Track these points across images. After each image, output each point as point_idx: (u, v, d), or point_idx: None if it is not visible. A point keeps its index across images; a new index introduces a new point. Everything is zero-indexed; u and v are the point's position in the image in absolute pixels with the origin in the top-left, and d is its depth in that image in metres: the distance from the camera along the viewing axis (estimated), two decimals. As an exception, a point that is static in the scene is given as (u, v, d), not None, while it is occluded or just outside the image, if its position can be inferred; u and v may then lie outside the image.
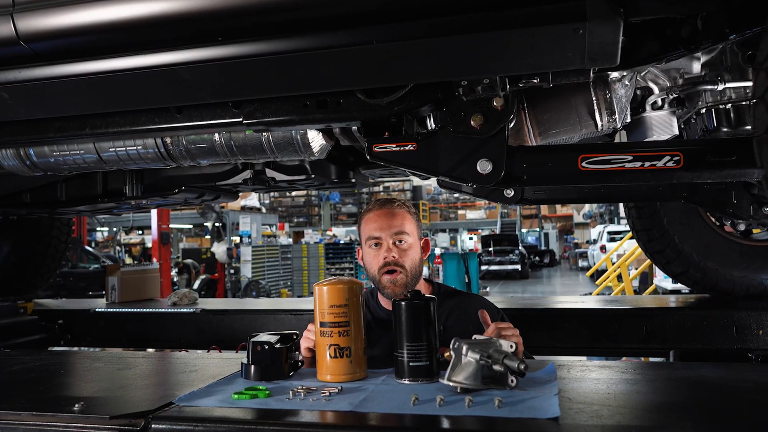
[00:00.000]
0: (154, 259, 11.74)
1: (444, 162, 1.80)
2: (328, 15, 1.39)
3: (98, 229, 20.87)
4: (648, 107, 2.08)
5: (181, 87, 1.60)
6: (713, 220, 3.01)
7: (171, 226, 14.19)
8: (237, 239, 16.92)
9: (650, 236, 3.06)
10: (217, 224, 16.86)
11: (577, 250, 27.85)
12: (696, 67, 1.94)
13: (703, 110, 1.97)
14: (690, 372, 1.47)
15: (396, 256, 1.84)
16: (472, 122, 1.74)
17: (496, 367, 1.34)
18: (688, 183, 2.20)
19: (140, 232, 22.98)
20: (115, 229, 18.42)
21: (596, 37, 1.30)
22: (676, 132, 2.10)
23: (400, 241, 1.87)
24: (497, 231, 27.53)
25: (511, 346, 1.38)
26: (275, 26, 1.46)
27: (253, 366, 1.53)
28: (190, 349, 3.07)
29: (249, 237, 15.96)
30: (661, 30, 1.63)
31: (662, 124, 2.08)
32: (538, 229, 29.73)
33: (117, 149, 2.28)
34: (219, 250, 15.78)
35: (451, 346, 1.38)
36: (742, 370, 1.55)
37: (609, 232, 19.71)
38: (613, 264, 7.41)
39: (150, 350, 3.39)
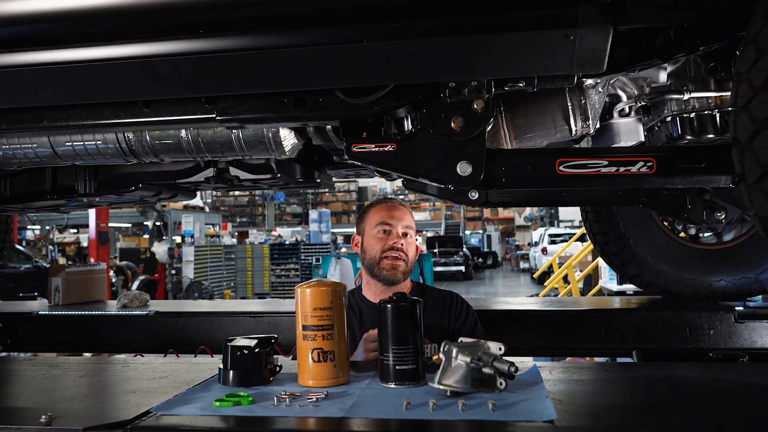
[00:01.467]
0: (92, 259, 11.25)
1: (423, 163, 1.79)
2: (318, 9, 1.35)
3: (29, 227, 19.81)
4: (616, 114, 2.14)
5: (158, 80, 1.52)
6: (666, 224, 3.14)
7: (109, 225, 13.65)
8: (178, 239, 16.46)
9: (607, 239, 3.15)
10: (158, 223, 16.33)
11: (518, 252, 28.53)
12: (662, 77, 2.00)
13: (668, 118, 2.04)
14: (670, 372, 1.51)
15: (403, 244, 1.97)
16: (452, 124, 1.74)
17: (486, 370, 1.34)
18: (647, 188, 2.28)
19: (75, 230, 21.98)
20: (48, 227, 17.53)
21: (586, 43, 1.32)
22: (642, 138, 2.17)
23: (407, 234, 2.01)
24: (441, 233, 27.86)
25: (500, 348, 1.38)
26: (260, 20, 1.42)
27: (231, 371, 1.47)
28: (145, 354, 2.94)
29: (192, 237, 15.53)
30: (637, 39, 1.67)
31: (629, 131, 2.14)
32: (481, 231, 30.26)
33: (74, 143, 2.16)
34: (160, 250, 15.31)
35: (441, 349, 1.37)
36: (716, 370, 1.61)
37: (550, 235, 20.27)
38: (560, 266, 7.62)
39: (105, 355, 3.23)
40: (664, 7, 1.35)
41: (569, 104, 1.86)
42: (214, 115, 1.79)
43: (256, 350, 1.49)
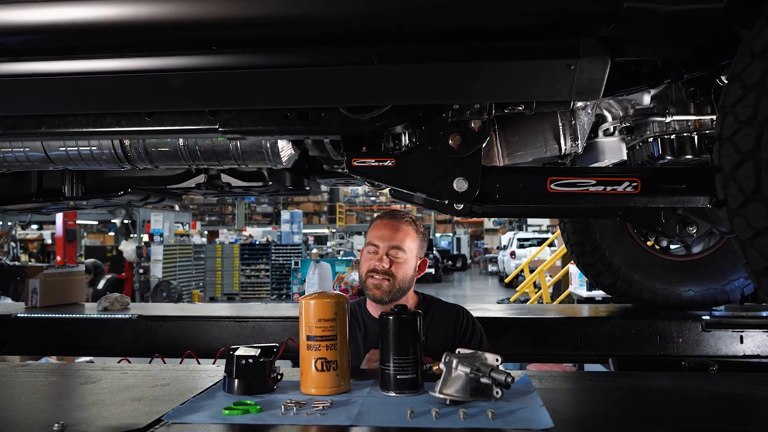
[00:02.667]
0: (58, 257, 11.01)
1: (421, 179, 1.85)
2: (339, 32, 1.41)
3: (-11, 223, 19.23)
4: (601, 133, 2.25)
5: (168, 93, 1.56)
6: (638, 236, 3.27)
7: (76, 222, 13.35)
8: (146, 237, 16.20)
9: (583, 250, 3.26)
10: (126, 221, 16.06)
11: (486, 255, 28.87)
12: (646, 100, 2.11)
13: (650, 139, 2.15)
14: (651, 382, 1.60)
15: (386, 267, 1.94)
16: (450, 141, 1.81)
17: (484, 380, 1.41)
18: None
19: (37, 227, 21.43)
20: (10, 223, 17.05)
21: (585, 73, 1.41)
22: (625, 157, 2.27)
23: (396, 255, 1.97)
24: (412, 235, 27.96)
25: (497, 360, 1.45)
26: (274, 39, 1.46)
27: (237, 380, 1.51)
28: (129, 358, 2.93)
29: (161, 235, 15.32)
30: (626, 66, 1.77)
31: (613, 150, 2.25)
32: (451, 234, 30.55)
33: (68, 148, 2.17)
34: (127, 248, 15.04)
35: (442, 360, 1.44)
36: (693, 380, 1.71)
37: (519, 239, 20.59)
38: (531, 272, 7.79)
39: (70, 359, 3.20)
40: (658, 44, 1.44)
41: (560, 124, 1.94)
42: (217, 127, 1.83)
43: (261, 359, 1.53)
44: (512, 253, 19.67)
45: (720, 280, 3.14)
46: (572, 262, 6.54)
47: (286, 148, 2.15)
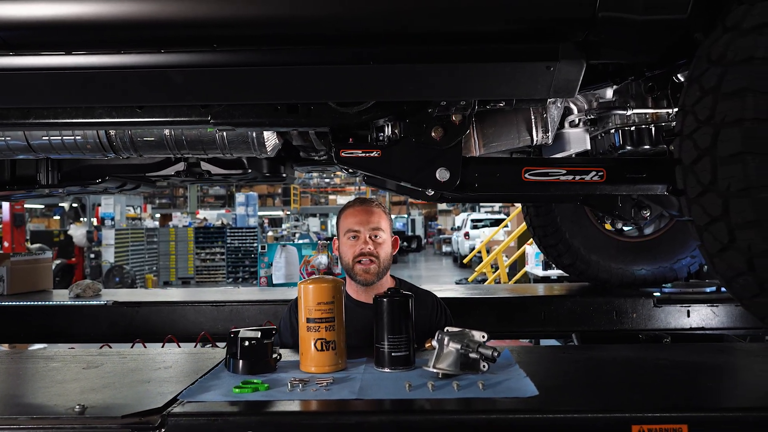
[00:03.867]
0: (5, 243, 10.63)
1: (406, 169, 1.97)
2: (333, 33, 1.50)
3: (-75, 207, 18.26)
4: (567, 124, 2.40)
5: (168, 89, 1.61)
6: (596, 219, 3.48)
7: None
8: (96, 221, 15.78)
9: (545, 232, 3.46)
10: (74, 204, 15.58)
11: (441, 236, 29.33)
12: (609, 94, 2.27)
13: (612, 130, 2.32)
14: (615, 353, 1.78)
15: (372, 249, 2.02)
16: (433, 134, 1.92)
17: (472, 355, 1.55)
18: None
19: (-23, 211, 20.48)
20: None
21: (563, 74, 1.55)
22: (588, 147, 2.44)
23: (376, 236, 2.05)
24: (367, 217, 28.08)
25: (483, 336, 1.59)
26: (277, 38, 1.54)
27: (241, 361, 1.61)
28: (103, 344, 2.96)
29: (112, 219, 14.95)
30: (594, 65, 1.91)
31: (578, 140, 2.41)
32: (406, 216, 30.87)
33: (51, 137, 2.18)
34: (77, 232, 14.66)
35: (435, 337, 1.57)
36: (653, 350, 1.90)
37: (472, 220, 21.01)
38: (488, 253, 8.06)
39: (24, 346, 3.19)
40: (629, 48, 1.59)
41: (533, 117, 2.08)
42: (209, 118, 1.89)
43: (264, 341, 1.63)
44: (466, 234, 20.08)
45: (669, 259, 3.39)
46: (529, 242, 6.82)
47: (271, 138, 2.22)
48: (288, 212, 27.31)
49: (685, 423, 1.20)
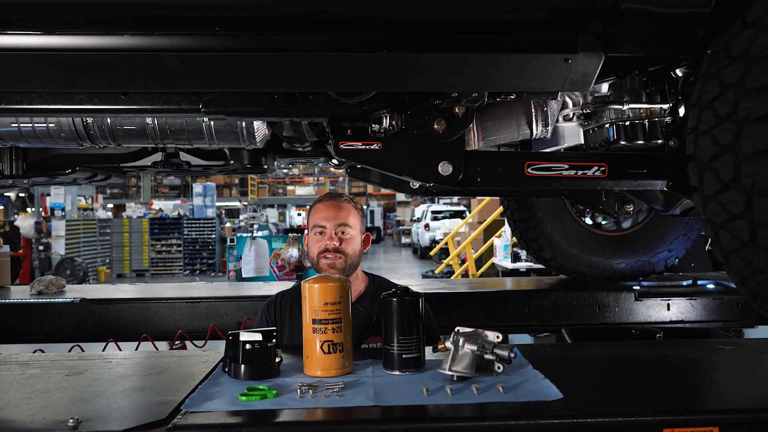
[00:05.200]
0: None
1: (407, 162, 1.90)
2: (346, 19, 1.41)
3: None
4: (561, 118, 2.37)
5: (161, 74, 1.49)
6: (575, 213, 3.49)
7: (-35, 196, 12.25)
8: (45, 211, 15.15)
9: (527, 226, 3.45)
10: (22, 194, 14.91)
11: (400, 228, 29.39)
12: (604, 88, 2.25)
13: (607, 125, 2.30)
14: (619, 351, 1.76)
15: (337, 244, 1.99)
16: (435, 126, 1.86)
17: (488, 356, 1.50)
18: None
19: None
20: None
21: (581, 67, 1.50)
22: (582, 141, 2.41)
23: (343, 232, 2.02)
24: (326, 208, 27.86)
25: (497, 337, 1.54)
26: (276, 23, 1.44)
27: (244, 365, 1.51)
28: (73, 344, 2.79)
29: (62, 210, 14.37)
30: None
31: (572, 134, 2.38)
32: (365, 206, 30.75)
33: (21, 124, 2.02)
34: (25, 223, 14.03)
35: (451, 339, 1.51)
36: (656, 347, 1.90)
37: (432, 212, 21.09)
38: (457, 245, 8.07)
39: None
40: (646, 41, 1.55)
41: (533, 110, 2.04)
42: (200, 107, 1.77)
43: (268, 344, 1.54)
44: (426, 225, 20.15)
45: (647, 253, 3.43)
46: (497, 235, 6.86)
47: (261, 129, 2.12)
48: (245, 203, 26.84)
49: (716, 425, 1.18)
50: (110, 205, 22.15)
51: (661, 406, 1.28)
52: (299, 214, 29.09)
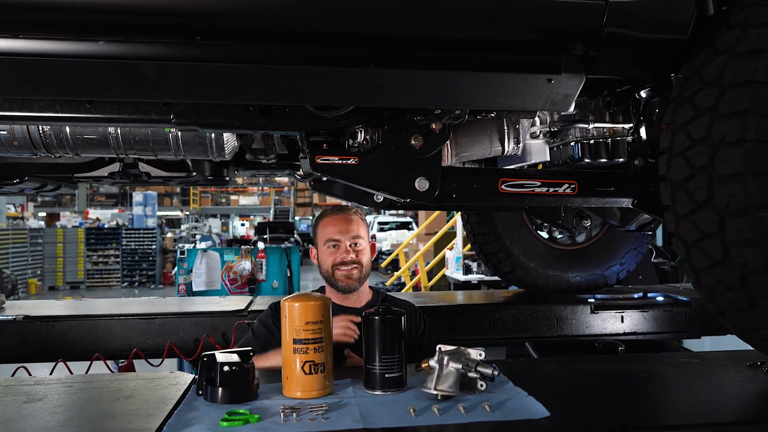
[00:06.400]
0: None
1: (384, 178, 1.88)
2: (335, 34, 1.38)
3: None
4: (527, 136, 2.41)
5: (136, 84, 1.42)
6: (533, 227, 3.56)
7: None
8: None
9: (486, 239, 3.49)
10: (-56, 202, 14.01)
11: (345, 239, 29.20)
12: (571, 107, 2.31)
13: (572, 143, 2.36)
14: (594, 365, 1.79)
15: (354, 257, 2.02)
16: (412, 142, 1.85)
17: (471, 374, 1.49)
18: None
19: None
20: None
21: (563, 87, 1.53)
22: (548, 158, 2.47)
23: (356, 244, 2.04)
24: (271, 218, 27.56)
25: (480, 354, 1.54)
26: (267, 33, 1.40)
27: (221, 388, 1.45)
28: (18, 365, 2.61)
29: (-10, 219, 13.59)
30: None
31: (539, 151, 2.43)
32: (311, 217, 30.49)
33: (-32, 132, 1.88)
34: (-52, 233, 13.19)
35: (436, 357, 1.49)
36: (626, 362, 1.94)
37: (379, 223, 21.12)
38: (407, 257, 8.10)
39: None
40: (626, 64, 1.59)
41: (506, 128, 2.07)
42: (170, 118, 1.69)
43: (246, 366, 1.48)
44: (373, 237, 20.14)
45: (600, 266, 3.53)
46: (449, 247, 6.92)
47: (231, 140, 2.06)
48: (187, 213, 26.16)
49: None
50: (42, 214, 21.10)
51: (647, 422, 1.30)
52: (243, 224, 28.56)
